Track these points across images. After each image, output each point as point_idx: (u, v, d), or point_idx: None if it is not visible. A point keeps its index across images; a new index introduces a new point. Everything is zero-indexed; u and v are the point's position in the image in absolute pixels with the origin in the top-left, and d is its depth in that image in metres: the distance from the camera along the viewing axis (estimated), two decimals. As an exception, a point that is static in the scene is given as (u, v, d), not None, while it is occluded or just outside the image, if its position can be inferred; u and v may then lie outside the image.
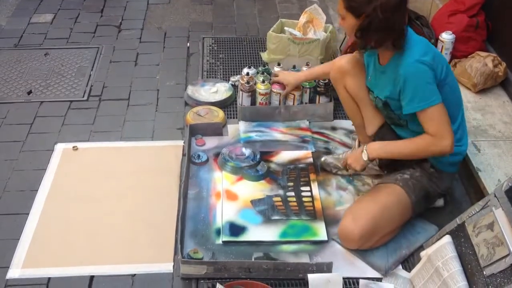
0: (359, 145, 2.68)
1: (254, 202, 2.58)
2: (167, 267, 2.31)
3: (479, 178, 2.55)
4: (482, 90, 3.13)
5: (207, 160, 2.82)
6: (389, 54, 2.28)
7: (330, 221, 2.50)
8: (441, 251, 2.09)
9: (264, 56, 3.52)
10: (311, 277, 2.14)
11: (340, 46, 3.58)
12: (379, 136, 2.52)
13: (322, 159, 2.79)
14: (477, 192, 2.56)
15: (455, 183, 2.71)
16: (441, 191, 2.44)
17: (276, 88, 3.04)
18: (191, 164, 2.79)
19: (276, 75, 3.05)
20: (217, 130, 3.00)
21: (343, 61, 2.60)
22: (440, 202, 2.54)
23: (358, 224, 2.26)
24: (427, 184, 2.35)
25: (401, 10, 2.18)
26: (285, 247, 2.39)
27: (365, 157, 2.33)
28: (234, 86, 3.35)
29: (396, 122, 2.43)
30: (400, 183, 2.35)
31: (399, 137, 2.44)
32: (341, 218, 2.50)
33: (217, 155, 2.85)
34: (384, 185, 2.40)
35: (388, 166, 2.47)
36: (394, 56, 2.26)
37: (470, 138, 2.76)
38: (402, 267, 2.30)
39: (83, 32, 4.04)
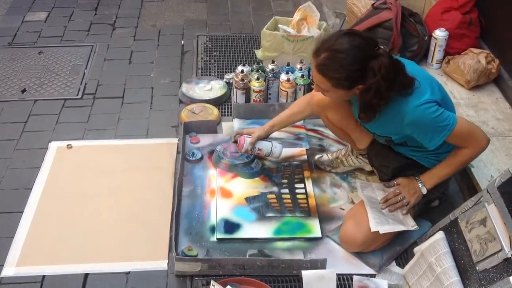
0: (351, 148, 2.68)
1: (249, 199, 2.58)
2: (162, 264, 2.31)
3: (472, 174, 2.56)
4: (475, 86, 3.14)
5: (202, 158, 2.82)
6: None
7: (324, 218, 2.51)
8: (434, 247, 2.10)
9: (259, 53, 3.52)
10: (305, 273, 2.15)
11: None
12: (372, 152, 2.50)
13: (316, 157, 2.79)
14: (470, 188, 2.58)
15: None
16: (440, 194, 2.45)
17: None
18: (185, 161, 2.79)
19: (239, 133, 2.72)
20: (211, 127, 3.00)
21: (321, 95, 2.33)
22: (435, 203, 2.55)
23: (361, 230, 2.26)
24: (429, 192, 2.34)
25: (399, 66, 2.08)
26: (280, 244, 2.39)
27: (424, 190, 2.30)
28: (229, 84, 3.35)
29: (393, 144, 2.38)
30: None
31: (393, 151, 2.40)
32: (335, 215, 2.52)
33: (211, 152, 2.85)
34: None
35: (390, 180, 2.45)
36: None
37: (463, 135, 2.78)
38: (396, 263, 2.31)
39: (77, 30, 4.03)
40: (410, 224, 2.29)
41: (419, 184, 2.31)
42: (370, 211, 2.30)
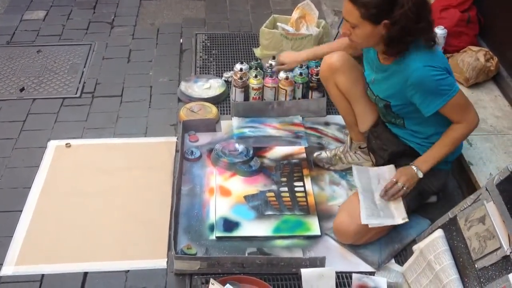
0: (351, 142, 2.68)
1: (248, 198, 2.58)
2: (161, 263, 2.31)
3: (471, 172, 2.56)
4: (474, 84, 3.14)
5: (200, 156, 2.82)
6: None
7: (323, 216, 2.51)
8: (433, 245, 2.11)
9: (257, 52, 3.52)
10: (304, 271, 2.15)
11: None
12: (374, 135, 2.51)
13: (315, 154, 2.79)
14: (469, 186, 2.58)
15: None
16: (435, 189, 2.45)
17: (269, 83, 3.04)
18: (184, 160, 2.79)
19: (278, 62, 2.98)
20: (210, 126, 3.00)
21: (333, 58, 2.55)
22: (433, 198, 2.55)
23: (353, 220, 2.26)
24: (421, 183, 2.34)
25: (427, 4, 2.13)
26: (279, 242, 2.40)
27: (420, 174, 2.30)
28: (227, 82, 3.35)
29: (391, 122, 2.42)
30: None
31: (394, 135, 2.43)
32: (334, 213, 2.51)
33: (210, 151, 2.85)
34: None
35: (385, 163, 2.46)
36: (398, 58, 2.21)
37: (462, 132, 2.78)
38: (395, 261, 2.31)
39: (75, 29, 4.03)
40: (400, 217, 2.27)
41: (414, 169, 2.30)
42: (362, 200, 2.29)
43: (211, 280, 2.08)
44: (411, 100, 2.21)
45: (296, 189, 2.63)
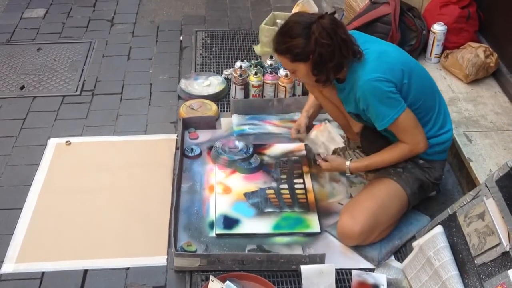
0: (348, 141, 2.68)
1: (247, 195, 2.58)
2: (161, 260, 2.32)
3: (471, 168, 2.55)
4: (474, 81, 3.14)
5: (200, 154, 2.82)
6: (344, 72, 2.26)
7: (323, 213, 2.51)
8: (432, 241, 2.11)
9: (257, 49, 3.52)
10: (304, 268, 2.14)
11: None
12: (363, 138, 2.52)
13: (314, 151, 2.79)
14: (468, 182, 2.58)
15: (447, 174, 2.72)
16: (434, 180, 2.42)
17: (268, 80, 3.05)
18: (184, 157, 2.79)
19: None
20: (210, 123, 3.01)
21: None
22: (432, 192, 2.55)
23: (357, 221, 2.26)
24: (420, 175, 2.35)
25: (338, 24, 2.18)
26: (278, 239, 2.40)
27: (347, 171, 2.41)
28: (227, 79, 3.35)
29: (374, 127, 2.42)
30: (394, 177, 2.34)
31: (381, 136, 2.40)
32: (334, 210, 2.52)
33: (210, 148, 2.85)
34: (378, 180, 2.38)
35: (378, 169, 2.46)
36: (348, 74, 2.25)
37: (461, 129, 2.78)
38: (395, 258, 2.32)
39: (75, 27, 4.03)
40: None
41: (347, 164, 2.40)
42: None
43: (211, 277, 2.09)
44: (367, 114, 2.26)
45: (296, 186, 2.63)
